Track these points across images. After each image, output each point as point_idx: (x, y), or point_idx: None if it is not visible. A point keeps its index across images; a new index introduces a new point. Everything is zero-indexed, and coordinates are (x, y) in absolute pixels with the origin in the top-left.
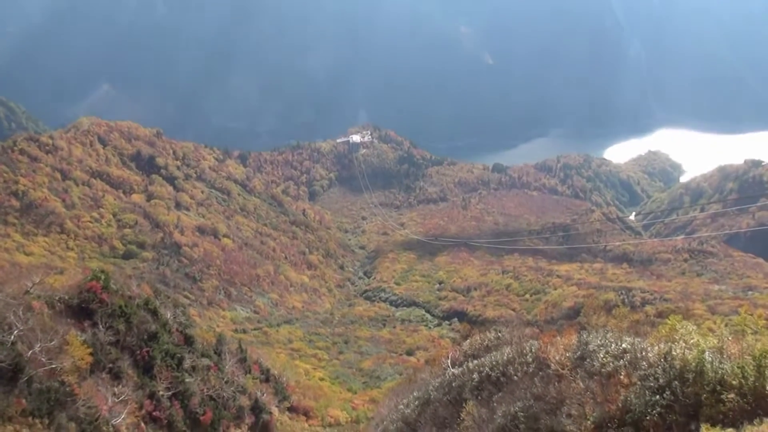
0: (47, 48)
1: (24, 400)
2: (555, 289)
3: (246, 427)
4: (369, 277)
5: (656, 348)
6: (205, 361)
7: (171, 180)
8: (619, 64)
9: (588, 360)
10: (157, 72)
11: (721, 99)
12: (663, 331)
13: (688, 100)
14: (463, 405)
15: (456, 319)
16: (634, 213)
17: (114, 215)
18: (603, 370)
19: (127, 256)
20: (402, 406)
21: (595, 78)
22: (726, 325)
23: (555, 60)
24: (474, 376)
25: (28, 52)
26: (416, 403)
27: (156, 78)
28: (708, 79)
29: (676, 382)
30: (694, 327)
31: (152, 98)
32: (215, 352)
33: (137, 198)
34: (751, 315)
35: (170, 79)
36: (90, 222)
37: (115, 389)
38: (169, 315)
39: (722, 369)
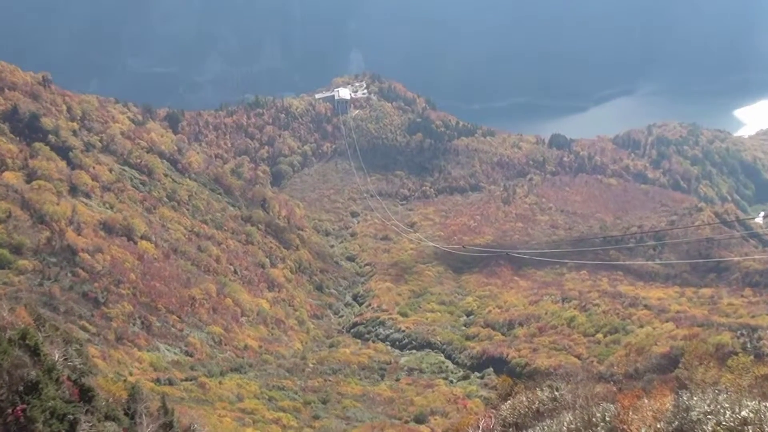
0: None
1: None
2: (641, 326)
3: None
4: (361, 304)
5: None
6: (111, 427)
7: (63, 151)
8: None
9: None
10: None
11: None
12: None
13: None
14: None
15: (491, 369)
16: (762, 213)
17: None
18: None
19: None
20: None
21: (709, 8)
22: None
23: None
24: None
25: None
26: None
27: None
28: None
29: None
30: None
31: (36, 27)
32: (126, 413)
33: (11, 178)
34: None
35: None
36: None
37: None
38: (57, 355)
39: None
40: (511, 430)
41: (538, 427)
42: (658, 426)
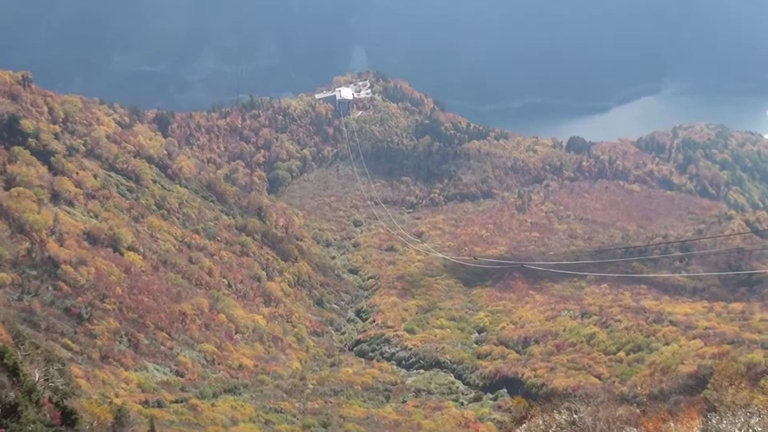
0: None
1: None
2: (667, 343)
3: None
4: (364, 320)
5: None
6: None
7: (45, 156)
8: None
9: None
10: None
11: None
12: None
13: None
14: None
15: (505, 390)
16: None
17: None
18: None
19: None
20: None
21: (740, 1)
22: None
23: None
24: None
25: None
26: None
27: None
28: None
29: None
30: None
31: (16, 22)
32: None
33: None
34: None
35: None
36: None
37: None
38: (37, 375)
39: None
40: None
41: None
42: None
